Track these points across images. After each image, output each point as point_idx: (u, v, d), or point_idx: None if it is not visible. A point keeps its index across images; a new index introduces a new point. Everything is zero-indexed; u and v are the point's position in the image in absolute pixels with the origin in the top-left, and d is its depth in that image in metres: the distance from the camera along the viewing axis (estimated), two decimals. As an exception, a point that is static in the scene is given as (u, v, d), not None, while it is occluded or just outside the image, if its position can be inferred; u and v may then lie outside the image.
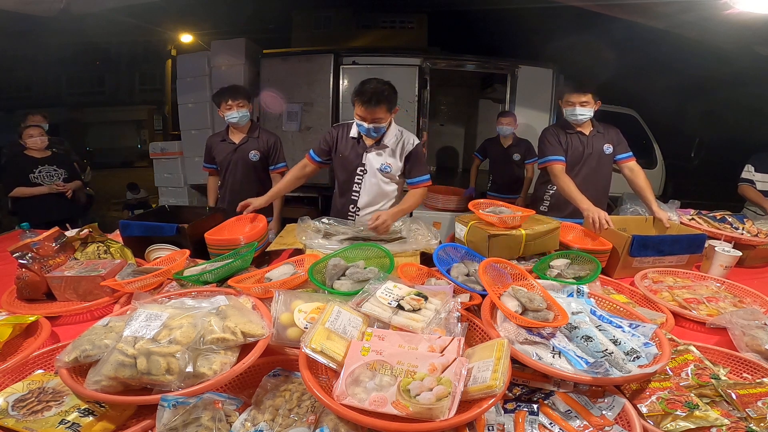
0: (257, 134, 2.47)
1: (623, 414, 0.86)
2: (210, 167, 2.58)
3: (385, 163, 1.97)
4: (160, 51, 7.37)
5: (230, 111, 2.35)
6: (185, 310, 0.95)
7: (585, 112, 2.17)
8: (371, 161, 1.98)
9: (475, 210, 1.67)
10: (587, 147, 2.24)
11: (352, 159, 1.99)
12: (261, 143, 2.46)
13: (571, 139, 2.26)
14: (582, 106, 2.15)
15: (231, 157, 2.45)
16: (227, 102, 2.35)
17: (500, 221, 1.58)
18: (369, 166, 1.99)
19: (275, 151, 2.51)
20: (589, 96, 2.15)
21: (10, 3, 2.86)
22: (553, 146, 2.25)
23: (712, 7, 2.60)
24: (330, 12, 5.09)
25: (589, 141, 2.24)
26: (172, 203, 2.63)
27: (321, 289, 1.24)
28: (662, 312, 1.32)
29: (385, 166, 1.97)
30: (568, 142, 2.25)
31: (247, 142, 2.45)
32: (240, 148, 2.44)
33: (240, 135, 2.46)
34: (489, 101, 5.84)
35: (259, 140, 2.46)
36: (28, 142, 2.86)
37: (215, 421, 0.76)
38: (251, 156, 2.44)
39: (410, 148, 1.97)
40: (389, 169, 1.98)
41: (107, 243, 1.58)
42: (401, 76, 4.02)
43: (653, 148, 5.04)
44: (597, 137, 2.25)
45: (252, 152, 2.44)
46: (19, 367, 0.97)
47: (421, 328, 0.95)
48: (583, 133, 2.26)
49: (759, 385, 0.93)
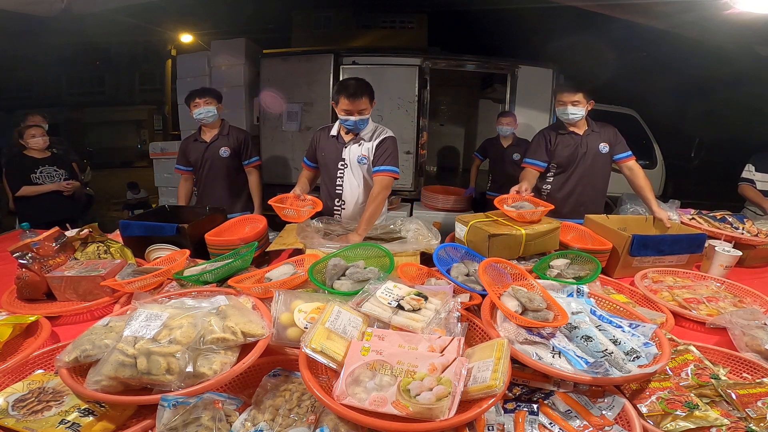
0: (227, 132, 2.58)
1: (623, 414, 0.86)
2: (183, 169, 2.65)
3: (361, 155, 2.04)
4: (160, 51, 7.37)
5: (197, 108, 2.45)
6: (185, 310, 0.95)
7: (576, 112, 2.16)
8: (350, 154, 2.05)
9: (500, 206, 1.73)
10: (581, 146, 2.24)
11: (332, 155, 2.08)
12: (231, 140, 2.57)
13: (562, 139, 2.26)
14: (573, 106, 2.15)
15: (203, 155, 2.55)
16: (195, 100, 2.45)
17: (519, 216, 1.62)
18: (348, 159, 2.06)
19: (246, 146, 2.62)
20: (580, 95, 2.14)
21: (10, 3, 2.86)
22: (535, 149, 2.30)
23: (712, 7, 2.60)
24: (330, 12, 5.09)
25: (584, 140, 2.24)
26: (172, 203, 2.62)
27: (321, 289, 1.24)
28: (662, 312, 1.32)
29: (362, 158, 2.04)
30: (558, 143, 2.26)
31: (217, 140, 2.55)
32: (211, 146, 2.54)
33: (211, 134, 2.55)
34: (489, 101, 5.83)
35: (229, 137, 2.57)
36: (30, 142, 2.86)
37: (215, 421, 0.76)
38: (222, 153, 2.54)
39: (384, 137, 2.02)
40: (364, 161, 2.05)
41: (107, 243, 1.59)
42: (401, 76, 4.02)
43: (653, 148, 5.03)
44: (592, 136, 2.25)
45: (222, 149, 2.54)
46: (19, 367, 0.97)
47: (421, 328, 0.95)
48: (577, 133, 2.26)
49: (759, 385, 0.93)
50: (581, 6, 3.31)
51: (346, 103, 1.88)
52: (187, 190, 2.70)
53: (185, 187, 2.70)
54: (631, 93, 5.45)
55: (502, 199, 1.80)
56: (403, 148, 4.12)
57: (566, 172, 2.27)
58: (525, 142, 3.61)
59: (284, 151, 4.28)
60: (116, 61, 12.63)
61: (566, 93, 2.16)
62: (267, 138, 4.30)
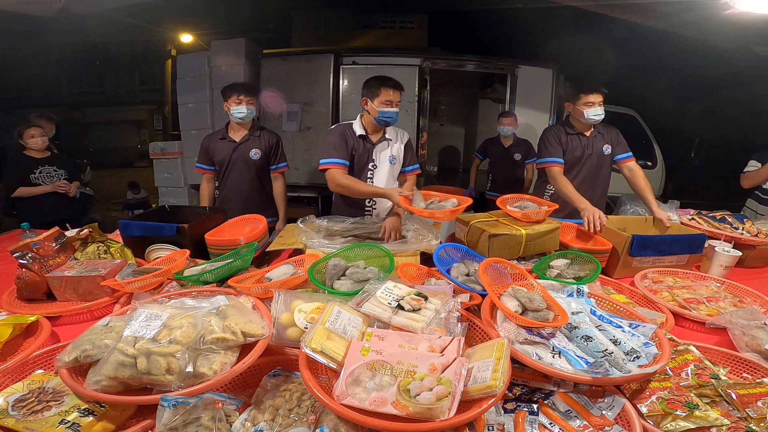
0: (259, 133, 2.42)
1: (623, 414, 0.86)
2: (205, 168, 2.46)
3: (392, 155, 2.07)
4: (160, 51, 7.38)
5: (239, 106, 2.28)
6: (185, 310, 0.95)
7: (601, 112, 2.17)
8: (380, 155, 2.06)
9: (502, 206, 1.74)
10: (587, 148, 2.25)
11: (362, 156, 2.04)
12: (263, 142, 2.41)
13: (571, 140, 2.26)
14: (600, 106, 2.16)
15: (231, 155, 2.38)
16: (238, 96, 2.27)
17: (524, 216, 1.63)
18: (378, 160, 2.06)
19: (276, 150, 2.47)
20: (601, 96, 2.16)
21: (9, 3, 2.86)
22: (553, 147, 2.25)
23: (712, 7, 2.60)
24: (330, 12, 5.10)
25: (590, 142, 2.25)
26: (172, 203, 2.62)
27: (321, 289, 1.24)
28: (662, 312, 1.32)
29: (392, 158, 2.07)
30: (568, 143, 2.26)
31: (248, 140, 2.38)
32: (240, 147, 2.37)
33: (241, 133, 2.38)
34: (489, 101, 5.84)
35: (260, 139, 2.41)
36: (29, 142, 2.86)
37: (215, 421, 0.76)
38: (252, 154, 2.37)
39: (407, 139, 2.14)
40: (395, 161, 2.09)
41: (107, 243, 1.58)
42: (401, 76, 3.96)
43: (653, 148, 5.04)
44: (597, 138, 2.26)
45: (253, 150, 2.37)
46: (19, 367, 0.97)
47: (421, 328, 0.95)
48: (584, 135, 2.26)
49: (759, 385, 0.93)
50: (581, 6, 3.31)
51: (390, 94, 1.90)
52: (210, 191, 2.51)
53: (208, 188, 2.50)
54: (631, 93, 5.46)
55: (504, 199, 1.80)
56: (402, 148, 4.13)
57: (571, 173, 2.27)
58: (525, 142, 3.62)
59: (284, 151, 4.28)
60: (116, 61, 12.65)
61: (594, 94, 2.15)
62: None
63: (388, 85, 1.91)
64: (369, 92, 1.94)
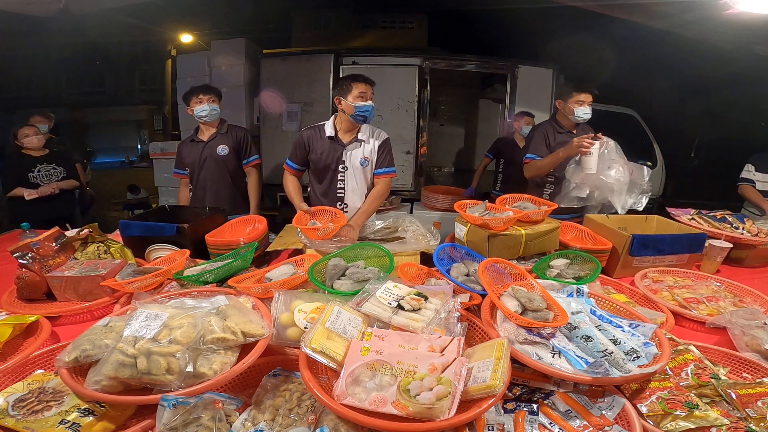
0: (225, 130, 2.47)
1: (623, 414, 0.86)
2: (180, 173, 2.53)
3: (363, 157, 2.04)
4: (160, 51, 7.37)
5: (200, 105, 2.33)
6: (185, 310, 0.95)
7: (590, 111, 2.22)
8: (351, 157, 2.04)
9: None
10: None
11: (331, 157, 2.04)
12: (230, 138, 2.45)
13: (562, 138, 2.28)
14: (589, 105, 2.20)
15: (201, 154, 2.43)
16: (197, 96, 2.34)
17: (524, 216, 1.63)
18: (349, 162, 2.04)
19: (245, 144, 2.50)
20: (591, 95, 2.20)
21: (9, 3, 2.86)
22: (539, 145, 2.30)
23: (712, 7, 2.61)
24: (330, 12, 5.09)
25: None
26: (172, 203, 2.61)
27: (321, 289, 1.24)
28: (662, 312, 1.32)
29: (364, 161, 2.04)
30: (558, 142, 2.27)
31: (215, 138, 2.43)
32: (208, 145, 2.42)
33: (209, 133, 2.44)
34: (489, 101, 5.83)
35: (227, 135, 2.46)
36: (24, 142, 2.86)
37: (215, 421, 0.76)
38: (219, 151, 2.42)
39: (383, 138, 2.08)
40: (366, 163, 2.05)
41: (107, 243, 1.58)
42: (401, 76, 4.02)
43: (653, 148, 5.04)
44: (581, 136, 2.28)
45: (220, 147, 2.42)
46: (19, 367, 0.97)
47: (421, 328, 0.95)
48: (572, 133, 2.29)
49: (759, 385, 0.93)
50: (581, 6, 3.31)
51: (362, 87, 1.91)
52: (187, 195, 2.58)
53: (185, 192, 2.57)
54: (631, 93, 5.46)
55: (504, 199, 1.80)
56: (403, 148, 4.12)
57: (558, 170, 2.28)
58: None
59: (284, 151, 4.24)
60: (116, 61, 12.63)
61: (586, 93, 2.19)
62: (267, 138, 4.30)
63: (359, 80, 1.93)
64: (341, 91, 1.95)
